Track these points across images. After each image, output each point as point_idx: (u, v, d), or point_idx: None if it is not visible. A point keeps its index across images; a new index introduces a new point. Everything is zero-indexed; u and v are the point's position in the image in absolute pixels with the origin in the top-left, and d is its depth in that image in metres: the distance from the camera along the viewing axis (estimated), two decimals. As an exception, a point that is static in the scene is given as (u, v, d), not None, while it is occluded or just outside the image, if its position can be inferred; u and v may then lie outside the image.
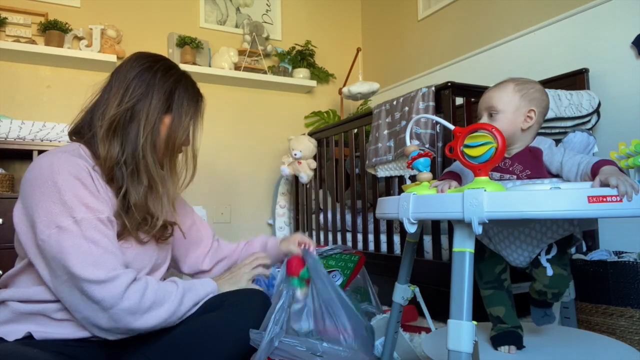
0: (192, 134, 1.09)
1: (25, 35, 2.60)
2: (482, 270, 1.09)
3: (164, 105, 1.03)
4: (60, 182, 0.88)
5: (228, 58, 3.05)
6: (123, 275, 0.88)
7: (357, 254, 1.69)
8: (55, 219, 0.86)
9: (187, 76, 1.10)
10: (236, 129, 3.22)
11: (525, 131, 1.02)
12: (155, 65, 1.05)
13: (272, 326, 0.91)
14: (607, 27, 1.96)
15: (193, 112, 1.08)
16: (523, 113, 1.01)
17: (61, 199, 0.87)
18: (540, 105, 1.03)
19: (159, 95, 1.02)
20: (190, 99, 1.07)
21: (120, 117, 0.99)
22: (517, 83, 1.03)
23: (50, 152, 0.96)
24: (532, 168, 0.99)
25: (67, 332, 0.92)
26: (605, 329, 1.40)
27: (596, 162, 0.86)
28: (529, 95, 1.02)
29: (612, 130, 1.90)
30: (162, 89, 1.03)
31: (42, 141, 2.32)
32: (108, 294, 0.85)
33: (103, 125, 0.98)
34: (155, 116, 1.01)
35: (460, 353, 0.72)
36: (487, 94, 1.05)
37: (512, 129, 1.00)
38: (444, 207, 0.79)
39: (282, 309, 0.94)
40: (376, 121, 2.13)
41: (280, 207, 3.14)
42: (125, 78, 1.03)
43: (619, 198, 0.72)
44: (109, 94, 1.03)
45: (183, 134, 1.05)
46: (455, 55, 2.80)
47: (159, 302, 0.91)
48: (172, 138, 1.04)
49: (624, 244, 1.79)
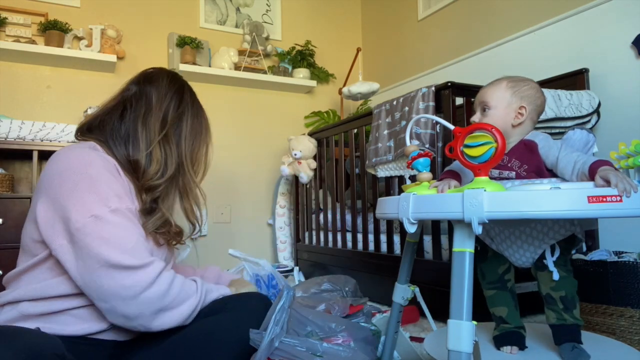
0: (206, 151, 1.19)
1: (25, 35, 2.60)
2: (485, 270, 1.09)
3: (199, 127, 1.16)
4: (94, 173, 0.92)
5: (228, 58, 3.05)
6: (156, 262, 0.92)
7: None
8: (90, 208, 0.89)
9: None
10: (236, 129, 3.22)
11: (516, 127, 1.03)
12: (186, 86, 1.17)
13: (273, 327, 0.91)
14: (607, 27, 1.96)
15: (208, 134, 1.19)
16: (514, 109, 1.03)
17: (96, 190, 0.91)
18: (532, 103, 1.04)
19: (192, 112, 1.14)
20: (206, 123, 1.19)
21: (169, 127, 1.08)
22: (510, 80, 1.06)
23: (71, 147, 0.99)
24: (529, 162, 0.99)
25: (75, 329, 0.92)
26: (605, 329, 1.40)
27: (593, 162, 0.86)
28: (521, 92, 1.03)
29: (612, 130, 1.90)
30: (196, 109, 1.16)
31: (42, 141, 2.32)
32: (142, 279, 0.87)
33: (152, 130, 1.05)
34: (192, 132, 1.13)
35: (460, 353, 0.72)
36: (481, 90, 1.08)
37: (503, 124, 1.02)
38: (444, 207, 0.79)
39: (283, 309, 0.94)
40: (376, 121, 2.13)
41: (280, 207, 3.14)
42: (165, 91, 1.11)
43: (619, 198, 0.73)
44: (146, 103, 1.08)
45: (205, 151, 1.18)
46: (455, 55, 2.80)
47: (184, 297, 0.95)
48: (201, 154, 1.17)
49: (624, 244, 1.79)
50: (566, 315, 0.99)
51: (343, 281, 1.86)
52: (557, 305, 1.00)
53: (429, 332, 1.60)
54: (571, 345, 0.96)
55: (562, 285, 1.00)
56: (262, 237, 3.26)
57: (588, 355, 0.94)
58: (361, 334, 1.12)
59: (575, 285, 1.02)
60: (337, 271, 2.42)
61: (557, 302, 1.00)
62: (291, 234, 3.12)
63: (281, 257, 3.08)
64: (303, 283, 1.93)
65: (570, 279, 1.01)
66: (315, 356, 0.91)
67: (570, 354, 0.94)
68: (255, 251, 3.12)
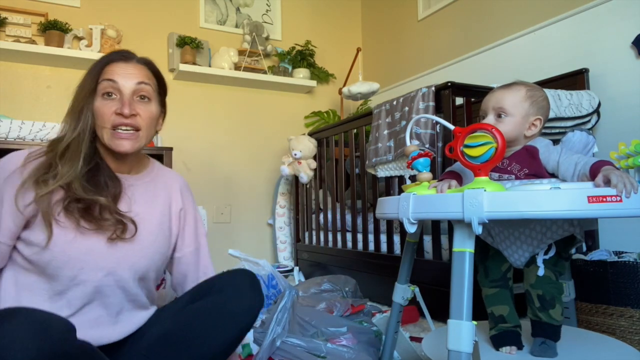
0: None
1: (25, 35, 2.60)
2: (489, 267, 1.09)
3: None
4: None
5: (228, 58, 3.05)
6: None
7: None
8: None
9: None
10: (236, 129, 3.22)
11: (528, 138, 1.04)
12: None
13: (275, 326, 0.91)
14: (607, 27, 1.96)
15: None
16: (530, 121, 1.03)
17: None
18: (545, 114, 1.05)
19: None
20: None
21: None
22: (529, 89, 1.04)
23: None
24: (529, 166, 0.99)
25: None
26: (605, 329, 1.40)
27: (594, 162, 0.86)
28: (537, 103, 1.03)
29: (612, 130, 1.90)
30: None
31: (42, 141, 2.32)
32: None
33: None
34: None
35: (460, 353, 0.72)
36: (497, 93, 1.05)
37: (517, 133, 1.02)
38: (444, 207, 0.79)
39: (285, 309, 0.94)
40: (376, 121, 2.13)
41: (280, 207, 3.14)
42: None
43: (619, 198, 0.73)
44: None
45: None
46: (455, 55, 2.80)
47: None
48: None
49: (624, 244, 1.79)
50: (541, 314, 1.00)
51: (343, 281, 1.87)
52: (533, 303, 1.01)
53: (429, 332, 1.60)
54: (540, 340, 0.99)
55: (540, 284, 1.00)
56: (262, 237, 3.26)
57: (555, 353, 0.96)
58: (364, 336, 1.12)
59: (559, 289, 1.02)
60: (337, 271, 2.42)
61: (534, 299, 1.01)
62: (291, 234, 3.12)
63: (281, 257, 3.08)
64: (303, 283, 1.93)
65: (552, 280, 1.01)
66: (319, 357, 0.91)
67: (538, 348, 0.98)
68: (255, 251, 3.13)
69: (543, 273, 1.00)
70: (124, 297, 0.99)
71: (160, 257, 1.06)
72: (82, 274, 0.92)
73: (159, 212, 1.07)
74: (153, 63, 1.06)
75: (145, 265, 1.02)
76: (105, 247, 0.94)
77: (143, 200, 1.05)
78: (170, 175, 1.16)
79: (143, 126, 0.99)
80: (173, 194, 1.13)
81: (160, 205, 1.09)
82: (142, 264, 1.01)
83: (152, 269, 1.05)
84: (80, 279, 0.92)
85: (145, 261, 1.01)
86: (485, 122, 1.04)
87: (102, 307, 0.96)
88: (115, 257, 0.96)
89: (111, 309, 0.97)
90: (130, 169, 1.06)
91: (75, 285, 0.92)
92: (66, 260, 0.90)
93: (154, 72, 1.05)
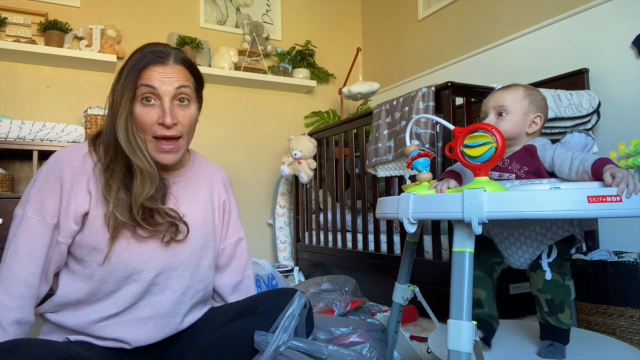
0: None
1: (25, 35, 2.60)
2: (481, 253, 1.07)
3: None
4: (41, 173, 0.98)
5: (228, 58, 3.05)
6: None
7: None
8: (20, 204, 0.94)
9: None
10: (236, 129, 3.22)
11: (529, 135, 1.04)
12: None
13: (280, 333, 0.90)
14: (607, 27, 1.96)
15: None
16: (530, 118, 1.03)
17: (28, 190, 0.96)
18: (545, 112, 1.06)
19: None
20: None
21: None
22: (527, 89, 1.06)
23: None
24: (529, 165, 0.99)
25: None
26: (605, 329, 1.40)
27: (595, 161, 0.85)
28: (536, 102, 1.05)
29: (612, 130, 1.90)
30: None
31: (42, 141, 2.32)
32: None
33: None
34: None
35: (460, 353, 0.72)
36: (496, 94, 1.07)
37: (518, 131, 1.02)
38: (443, 207, 0.79)
39: (292, 316, 0.93)
40: (376, 121, 2.13)
41: (280, 207, 3.14)
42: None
43: (619, 198, 0.72)
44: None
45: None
46: (455, 55, 2.80)
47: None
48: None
49: (624, 244, 1.79)
50: (549, 318, 0.99)
51: (343, 281, 1.87)
52: (542, 307, 1.01)
53: (429, 331, 1.60)
54: (548, 342, 0.98)
55: (549, 288, 1.00)
56: (262, 237, 3.26)
57: (564, 355, 0.95)
58: (375, 333, 1.12)
59: (567, 292, 1.01)
60: (337, 271, 2.42)
61: (542, 304, 1.00)
62: (291, 234, 3.12)
63: (281, 257, 3.08)
64: (303, 283, 1.93)
65: (560, 283, 1.00)
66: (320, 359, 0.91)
67: (545, 350, 0.97)
68: (255, 251, 3.12)
69: (551, 277, 0.99)
70: (173, 296, 0.99)
71: (208, 252, 1.07)
72: (135, 274, 0.94)
73: (202, 207, 1.07)
74: (190, 61, 1.01)
75: (194, 262, 1.02)
76: (158, 249, 0.96)
77: (186, 197, 1.05)
78: (212, 168, 1.16)
79: (184, 132, 0.97)
80: (215, 187, 1.13)
81: (203, 200, 1.08)
82: (191, 261, 1.01)
83: (203, 265, 1.05)
84: (132, 278, 0.94)
85: (194, 258, 1.02)
86: (486, 121, 1.05)
87: (149, 307, 0.97)
88: (166, 257, 0.97)
89: (160, 309, 0.98)
90: (174, 167, 1.05)
91: (127, 284, 0.94)
92: (120, 267, 0.92)
93: (191, 71, 1.00)
